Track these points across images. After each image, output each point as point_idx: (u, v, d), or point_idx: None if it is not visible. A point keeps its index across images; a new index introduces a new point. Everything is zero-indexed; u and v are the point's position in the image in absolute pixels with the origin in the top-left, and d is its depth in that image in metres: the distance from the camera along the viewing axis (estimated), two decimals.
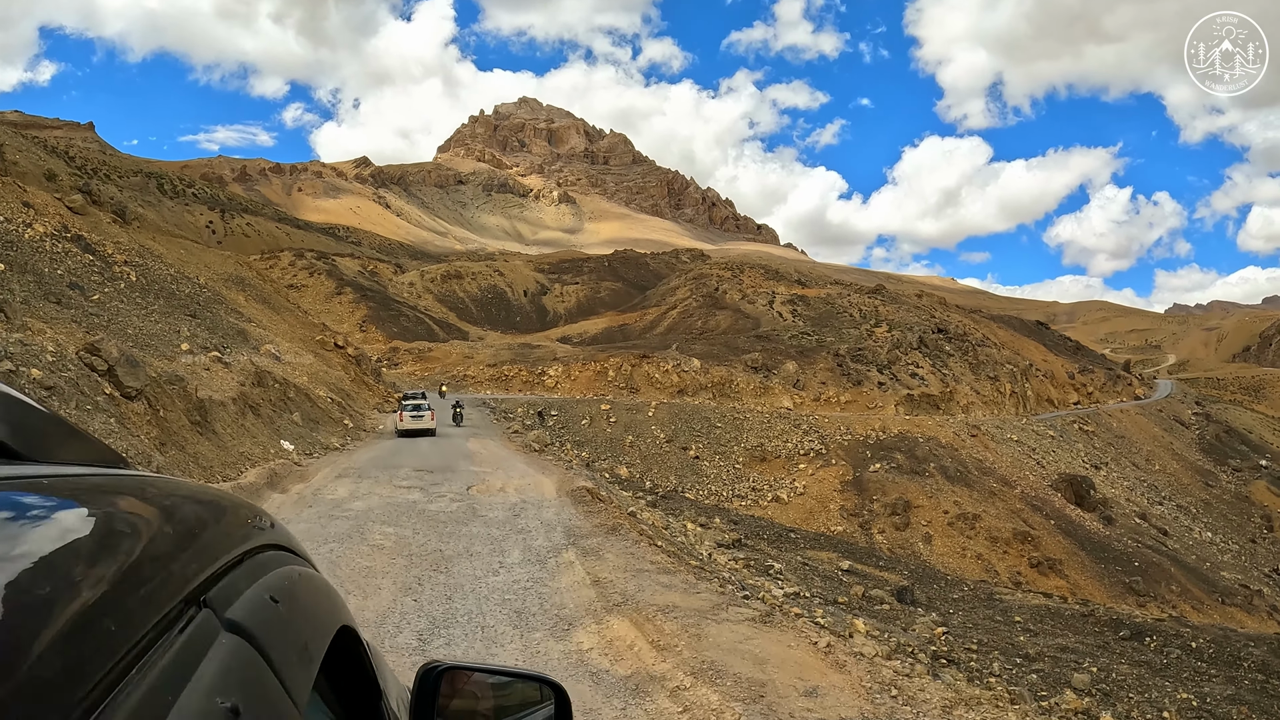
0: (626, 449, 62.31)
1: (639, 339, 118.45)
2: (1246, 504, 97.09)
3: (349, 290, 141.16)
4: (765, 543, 26.54)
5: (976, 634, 19.55)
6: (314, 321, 64.91)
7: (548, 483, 24.09)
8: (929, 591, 25.10)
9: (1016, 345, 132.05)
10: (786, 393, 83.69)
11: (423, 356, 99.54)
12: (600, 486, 24.11)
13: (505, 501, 20.67)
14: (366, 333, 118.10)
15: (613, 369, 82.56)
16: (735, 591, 13.24)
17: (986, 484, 67.16)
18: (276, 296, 64.05)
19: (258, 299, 58.17)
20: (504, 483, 23.86)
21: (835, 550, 30.64)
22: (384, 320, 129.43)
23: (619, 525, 17.99)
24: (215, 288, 52.67)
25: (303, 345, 52.85)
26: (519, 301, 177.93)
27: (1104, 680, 17.82)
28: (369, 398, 54.25)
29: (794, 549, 27.93)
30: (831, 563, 26.13)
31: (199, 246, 70.60)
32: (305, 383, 40.63)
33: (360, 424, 42.10)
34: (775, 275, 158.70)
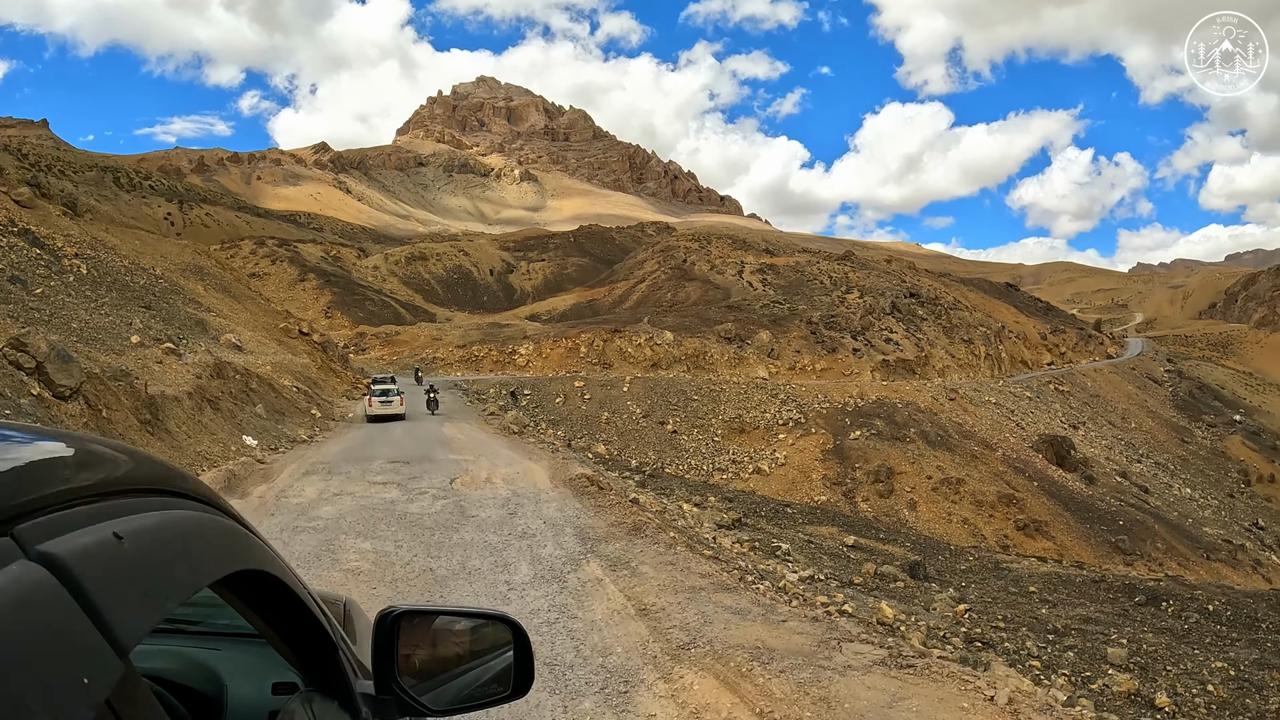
0: (603, 426, 61.00)
1: (609, 314, 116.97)
2: (1223, 459, 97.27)
3: (312, 277, 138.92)
4: (764, 520, 25.26)
5: (998, 609, 18.39)
6: (277, 309, 62.89)
7: (539, 470, 22.23)
8: (936, 564, 23.95)
9: (988, 308, 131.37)
10: (761, 362, 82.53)
11: (390, 340, 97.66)
12: (599, 474, 22.36)
13: (496, 496, 18.53)
14: (332, 319, 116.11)
15: (585, 345, 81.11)
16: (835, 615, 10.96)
17: (968, 448, 66.34)
18: (237, 285, 61.99)
19: (218, 288, 56.17)
20: (489, 472, 21.84)
21: (835, 524, 29.39)
22: (349, 305, 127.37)
23: (642, 524, 15.49)
24: (172, 278, 50.68)
25: (266, 334, 51.02)
26: (485, 281, 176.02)
27: (1138, 653, 16.70)
28: (337, 385, 52.38)
29: (793, 525, 26.71)
30: (834, 538, 24.89)
31: (155, 237, 68.27)
32: (269, 372, 38.88)
33: (329, 413, 40.25)
34: (743, 245, 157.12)
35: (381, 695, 2.46)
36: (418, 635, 2.66)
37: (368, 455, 25.52)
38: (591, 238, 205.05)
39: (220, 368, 31.87)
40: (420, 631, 2.69)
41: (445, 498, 18.31)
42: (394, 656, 2.47)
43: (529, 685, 2.75)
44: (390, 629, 2.48)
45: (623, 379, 69.08)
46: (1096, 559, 52.41)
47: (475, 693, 2.71)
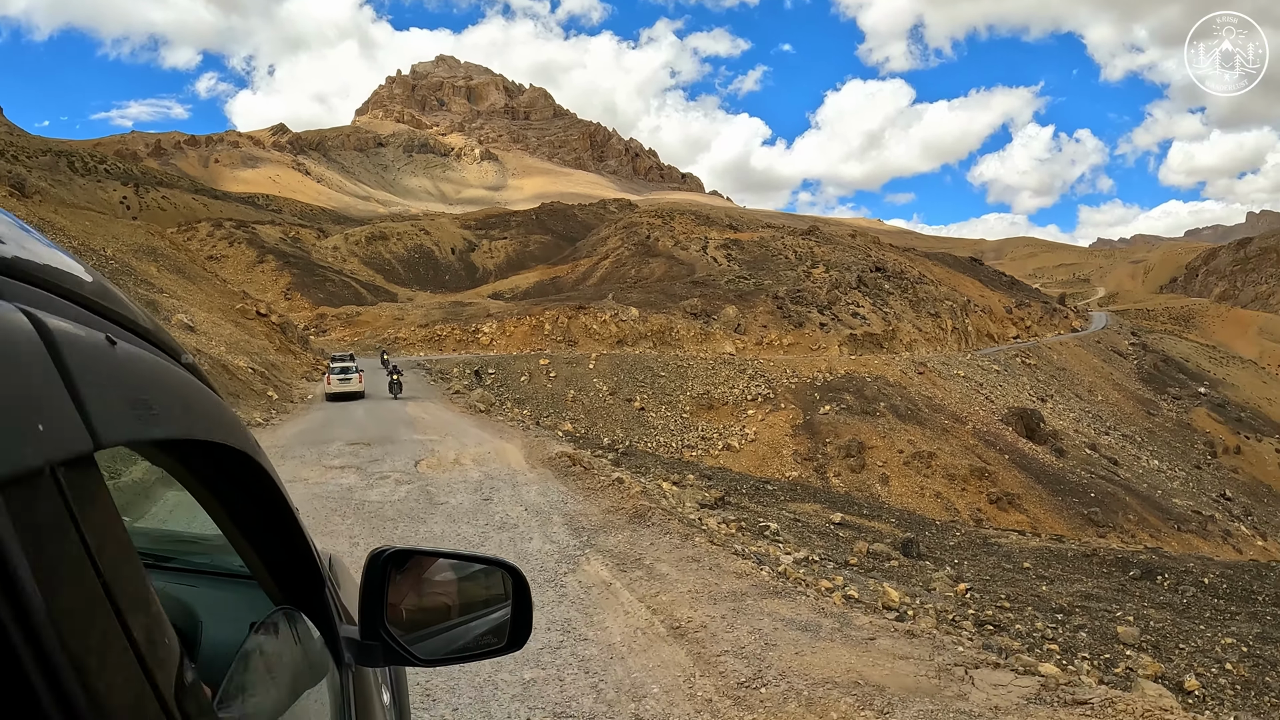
0: (569, 404, 59.75)
1: (572, 291, 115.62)
2: (1189, 431, 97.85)
3: (271, 258, 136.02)
4: (747, 498, 24.10)
5: (998, 588, 17.39)
6: (234, 290, 60.94)
7: (512, 449, 20.80)
8: (925, 540, 22.92)
9: (953, 282, 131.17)
10: (728, 338, 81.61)
11: (351, 321, 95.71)
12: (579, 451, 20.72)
13: (467, 479, 16.64)
14: (292, 300, 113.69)
15: (549, 322, 79.77)
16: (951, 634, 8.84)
17: (938, 421, 65.71)
18: (192, 266, 60.13)
19: (172, 269, 54.38)
20: (458, 453, 20.26)
21: (817, 501, 28.31)
22: (309, 287, 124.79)
23: (644, 510, 13.19)
24: (124, 259, 49.04)
25: (222, 315, 49.35)
26: (447, 260, 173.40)
27: (1147, 631, 15.76)
28: (296, 366, 50.58)
29: (776, 503, 25.59)
30: (819, 515, 23.82)
31: (106, 218, 66.39)
32: (223, 354, 37.38)
33: (286, 394, 38.57)
34: (706, 221, 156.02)
35: (367, 640, 2.30)
36: (409, 579, 2.47)
37: (325, 437, 23.78)
38: (554, 215, 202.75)
39: None
40: (412, 576, 2.49)
41: (410, 482, 16.49)
42: (383, 600, 2.31)
43: (526, 638, 2.59)
44: (381, 570, 2.32)
45: (588, 356, 67.76)
46: (1070, 531, 52.08)
47: (468, 644, 2.53)
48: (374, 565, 2.34)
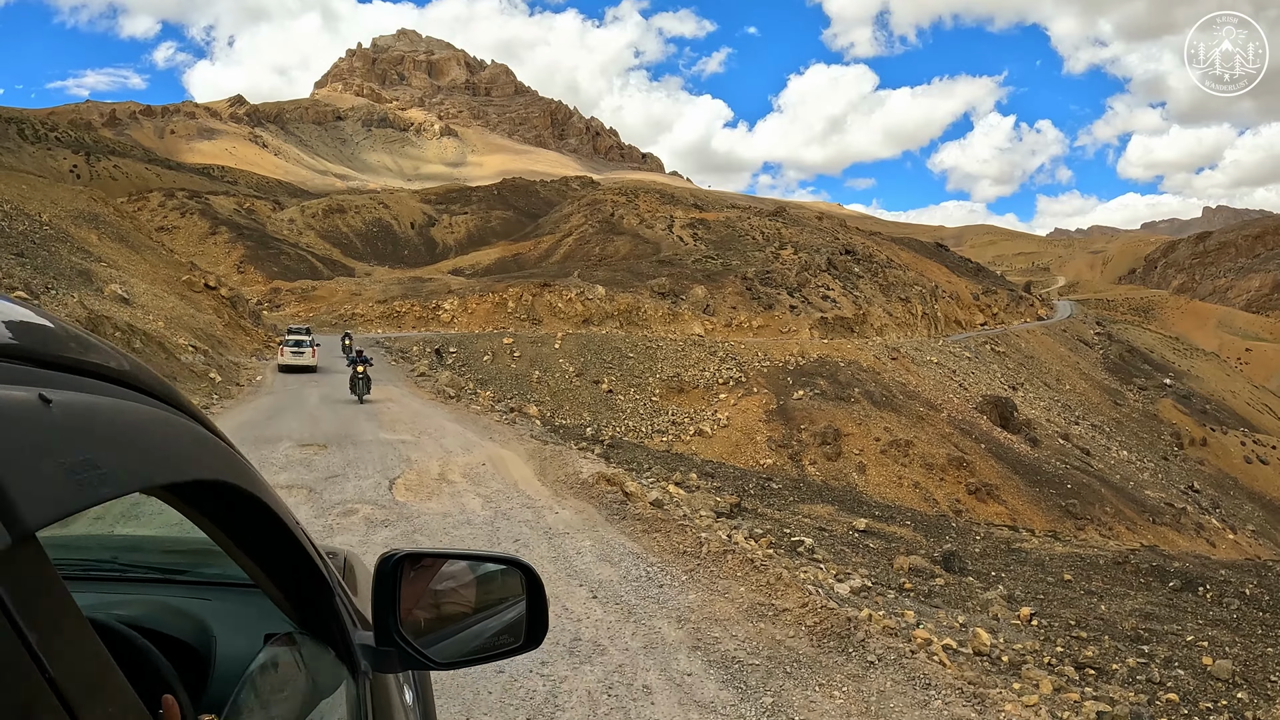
0: (534, 385, 57.33)
1: (535, 268, 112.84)
2: (1155, 422, 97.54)
3: (224, 230, 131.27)
4: (757, 500, 21.76)
5: (1057, 609, 15.15)
6: (181, 261, 57.55)
7: (513, 460, 16.64)
8: (949, 546, 20.73)
9: (920, 267, 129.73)
10: (697, 319, 79.41)
11: (307, 296, 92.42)
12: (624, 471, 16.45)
13: (469, 517, 12.25)
14: (245, 274, 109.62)
15: (512, 300, 77.17)
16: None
17: (913, 408, 64.00)
18: (137, 234, 56.72)
19: (114, 237, 51.09)
20: (442, 464, 16.11)
21: (825, 501, 25.86)
22: (263, 260, 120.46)
23: (851, 623, 8.30)
24: (61, 225, 45.98)
25: (166, 287, 46.20)
26: (406, 235, 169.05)
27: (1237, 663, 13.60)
28: (246, 343, 47.47)
29: (785, 505, 23.23)
30: (836, 520, 21.42)
31: (46, 182, 62.82)
32: (160, 329, 34.30)
33: (232, 376, 35.34)
34: (671, 200, 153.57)
35: (382, 646, 2.28)
36: (421, 582, 2.45)
37: (270, 434, 19.92)
38: (515, 191, 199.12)
39: (95, 322, 27.56)
40: (424, 578, 2.47)
41: (387, 522, 11.90)
42: (396, 604, 2.28)
43: (542, 636, 2.55)
44: (392, 574, 2.29)
45: (554, 336, 65.31)
46: (1049, 522, 50.89)
47: (485, 644, 2.51)
48: (384, 570, 2.28)
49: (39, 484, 0.96)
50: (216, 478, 1.53)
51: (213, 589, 2.51)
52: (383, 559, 2.30)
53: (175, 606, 2.37)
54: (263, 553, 1.94)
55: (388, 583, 2.27)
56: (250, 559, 1.92)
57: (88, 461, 1.09)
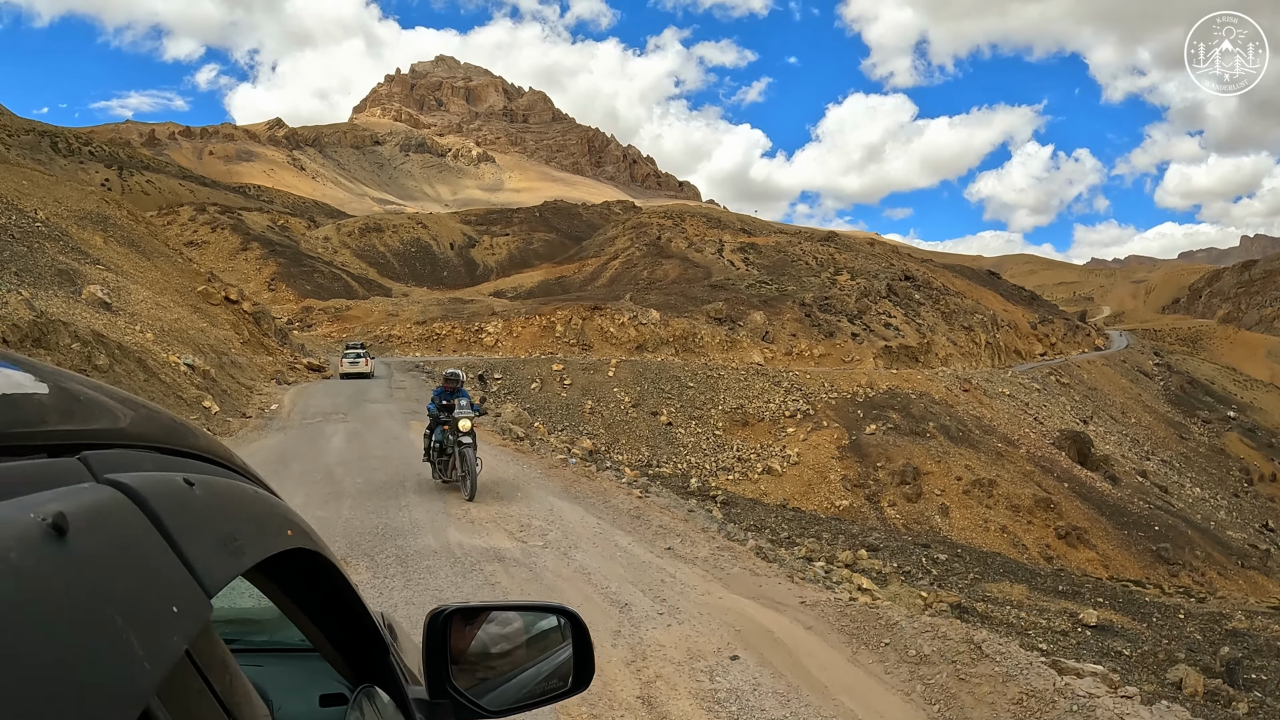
0: (587, 416, 53.46)
1: (580, 291, 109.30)
2: (1223, 456, 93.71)
3: (256, 246, 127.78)
4: (941, 574, 17.69)
5: None
6: (199, 270, 53.52)
7: (808, 650, 8.65)
8: (1150, 621, 16.60)
9: (976, 295, 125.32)
10: (755, 346, 75.38)
11: (340, 316, 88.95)
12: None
13: None
14: (276, 291, 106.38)
15: (561, 323, 73.34)
16: None
17: (991, 444, 59.81)
18: (152, 241, 52.78)
19: (124, 242, 47.18)
20: (633, 655, 8.12)
21: (1013, 578, 21.47)
22: (295, 277, 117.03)
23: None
24: (59, 224, 42.18)
25: (178, 297, 42.08)
26: (445, 255, 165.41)
27: None
28: (267, 364, 43.07)
29: (965, 581, 19.08)
30: (1038, 604, 17.26)
31: (50, 179, 59.16)
32: (146, 342, 29.12)
33: (237, 405, 29.72)
34: (719, 224, 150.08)
35: (436, 699, 2.34)
36: (469, 634, 2.53)
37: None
38: (558, 213, 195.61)
39: (45, 328, 22.34)
40: (472, 630, 2.55)
41: None
42: (447, 658, 2.36)
43: (589, 679, 2.61)
44: (442, 629, 2.36)
45: (607, 362, 61.45)
46: (1141, 570, 47.42)
47: (534, 690, 2.55)
48: (434, 625, 2.35)
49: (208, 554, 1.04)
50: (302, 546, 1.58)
51: (265, 655, 2.48)
52: (433, 614, 2.34)
53: None
54: (326, 615, 1.98)
55: (438, 637, 2.31)
56: (312, 622, 1.95)
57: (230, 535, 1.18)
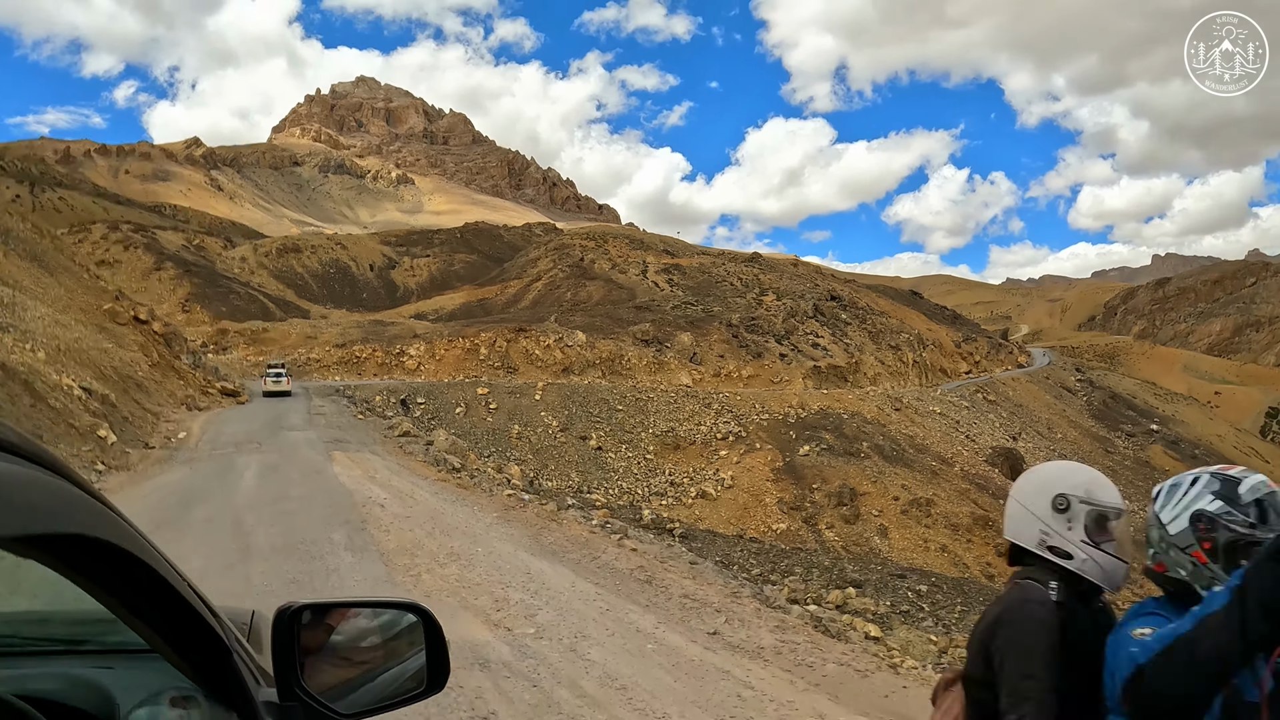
0: (514, 442, 51.40)
1: (503, 313, 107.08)
2: (1149, 469, 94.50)
3: (170, 266, 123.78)
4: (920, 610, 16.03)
5: None
6: (106, 287, 50.43)
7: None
8: None
9: (900, 315, 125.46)
10: (684, 368, 73.93)
11: (257, 338, 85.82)
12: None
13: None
14: (190, 313, 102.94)
15: (485, 346, 71.22)
16: None
17: (925, 463, 59.01)
18: (57, 255, 49.59)
19: (26, 255, 43.94)
20: None
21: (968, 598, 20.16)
22: (211, 299, 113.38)
23: None
24: None
25: (81, 315, 39.18)
26: (365, 276, 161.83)
27: None
28: (177, 389, 40.11)
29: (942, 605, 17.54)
30: None
31: None
32: (38, 363, 25.92)
33: (139, 434, 26.85)
34: (642, 245, 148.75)
35: (285, 702, 2.22)
36: (323, 633, 2.40)
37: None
38: (479, 234, 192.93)
39: None
40: (325, 629, 2.43)
41: None
42: (296, 658, 2.23)
43: (445, 679, 2.51)
44: (289, 627, 2.24)
45: (534, 385, 59.49)
46: None
47: (388, 692, 2.43)
48: (281, 624, 2.24)
49: None
50: (80, 532, 1.45)
51: (117, 656, 2.37)
52: (280, 612, 2.24)
53: (79, 678, 2.25)
54: (152, 613, 1.85)
55: (286, 635, 2.21)
56: (141, 621, 1.85)
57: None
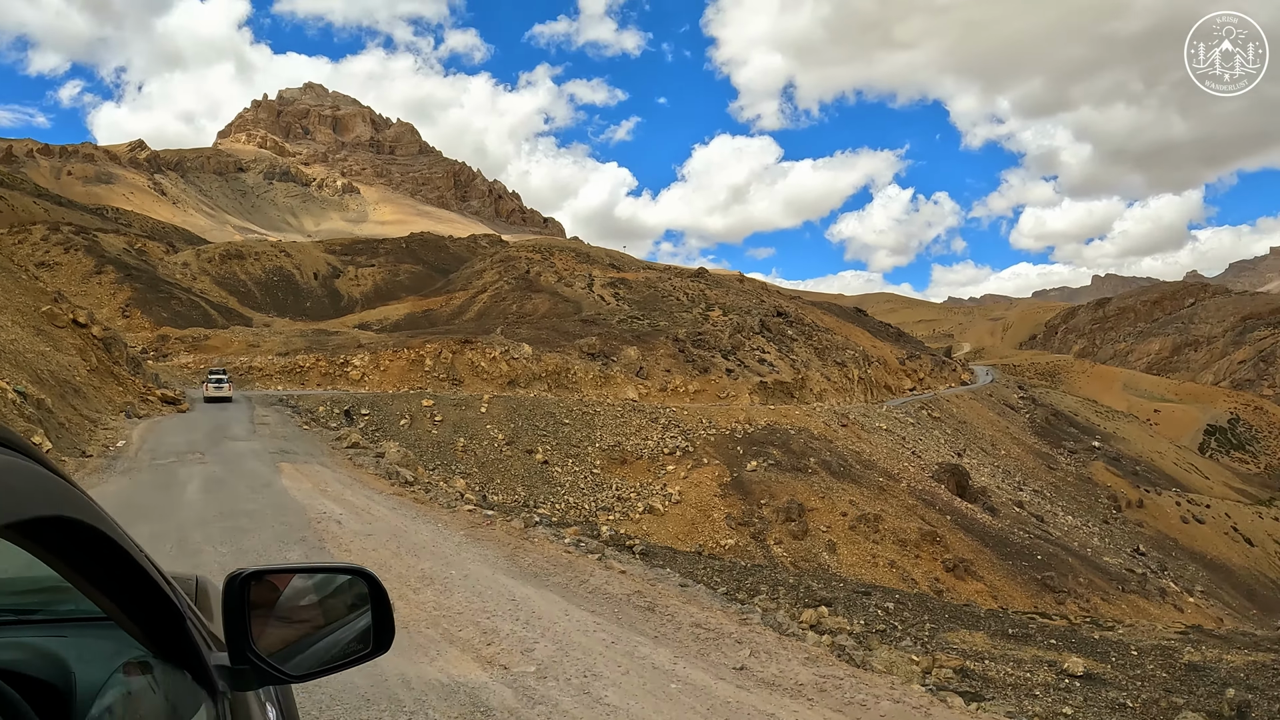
0: (459, 454, 50.73)
1: (448, 325, 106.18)
2: (1091, 485, 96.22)
3: (111, 269, 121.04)
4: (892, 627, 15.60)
5: None
6: (44, 289, 49.12)
7: None
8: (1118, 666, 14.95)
9: (845, 331, 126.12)
10: (630, 382, 73.53)
11: (198, 345, 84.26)
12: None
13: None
14: (131, 318, 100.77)
15: (430, 357, 70.36)
16: None
17: (873, 479, 59.08)
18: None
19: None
20: None
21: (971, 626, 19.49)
22: (152, 304, 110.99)
23: None
24: None
25: (19, 316, 37.88)
26: (309, 285, 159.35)
27: None
28: (116, 394, 39.12)
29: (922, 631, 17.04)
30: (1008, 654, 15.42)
31: None
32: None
33: (77, 441, 26.25)
34: (588, 259, 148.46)
35: (237, 665, 2.31)
36: (270, 597, 2.48)
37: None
38: (425, 245, 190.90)
39: None
40: (273, 593, 2.51)
41: None
42: (247, 623, 2.32)
43: (390, 641, 2.62)
44: (240, 592, 2.32)
45: (480, 398, 58.83)
46: (1029, 599, 47.91)
47: (336, 654, 2.55)
48: (231, 589, 2.30)
49: None
50: (56, 513, 1.50)
51: (69, 625, 2.41)
52: (230, 579, 2.28)
53: (32, 646, 2.27)
54: (111, 584, 1.91)
55: (236, 602, 2.26)
56: (100, 591, 1.90)
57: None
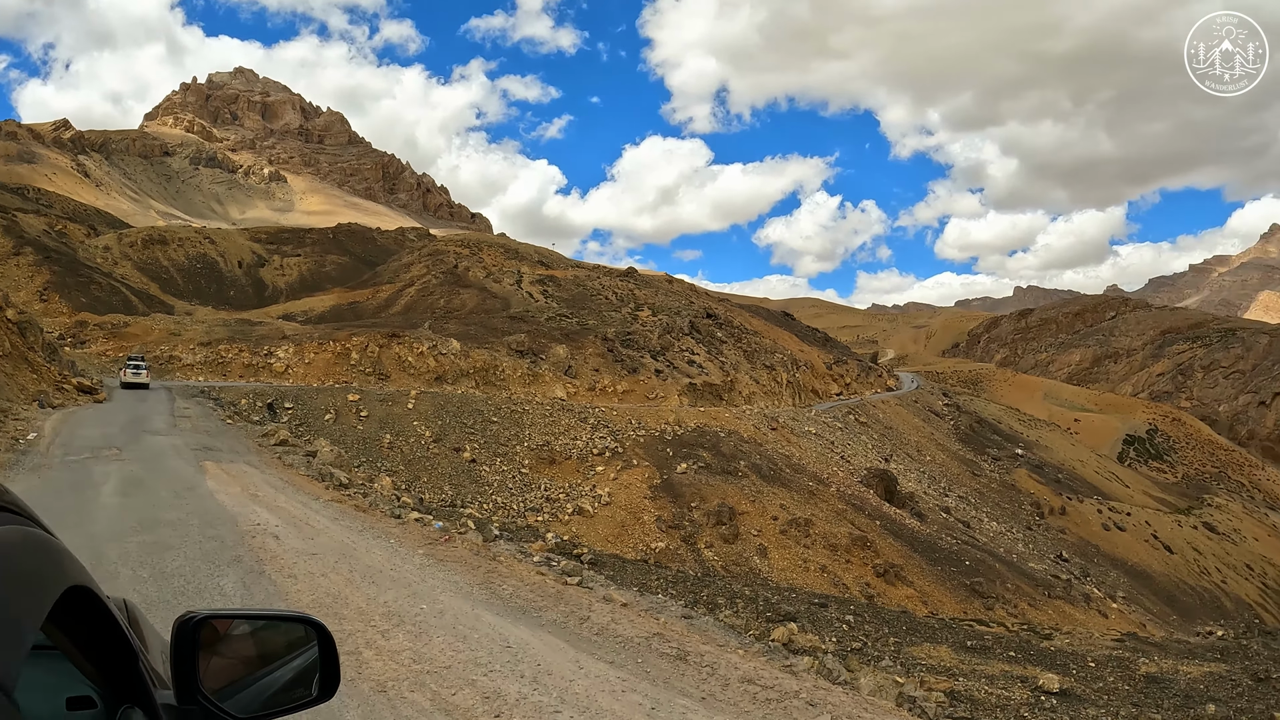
0: (385, 451, 49.62)
1: (375, 318, 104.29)
2: (1014, 492, 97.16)
3: (29, 251, 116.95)
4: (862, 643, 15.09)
5: None
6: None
7: None
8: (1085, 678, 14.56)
9: (773, 335, 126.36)
10: (558, 380, 72.75)
11: (118, 332, 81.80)
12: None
13: None
14: (48, 302, 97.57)
15: (356, 350, 69.02)
16: None
17: (803, 483, 58.96)
18: None
19: None
20: None
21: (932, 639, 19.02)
22: (70, 289, 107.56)
23: None
24: None
25: None
26: (233, 274, 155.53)
27: None
28: (30, 382, 37.58)
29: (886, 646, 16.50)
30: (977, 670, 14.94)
31: None
32: None
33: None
34: (516, 255, 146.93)
35: (185, 705, 2.30)
36: (218, 641, 2.52)
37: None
38: (352, 236, 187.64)
39: None
40: (220, 637, 2.55)
41: None
42: (196, 665, 2.32)
43: (335, 687, 2.68)
44: (192, 636, 2.32)
45: (407, 394, 57.66)
46: (958, 605, 47.84)
47: (282, 698, 2.59)
48: (184, 632, 2.30)
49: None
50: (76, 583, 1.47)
51: None
52: (182, 621, 2.28)
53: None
54: (69, 620, 1.87)
55: (188, 644, 2.26)
56: (51, 623, 1.82)
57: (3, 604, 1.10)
